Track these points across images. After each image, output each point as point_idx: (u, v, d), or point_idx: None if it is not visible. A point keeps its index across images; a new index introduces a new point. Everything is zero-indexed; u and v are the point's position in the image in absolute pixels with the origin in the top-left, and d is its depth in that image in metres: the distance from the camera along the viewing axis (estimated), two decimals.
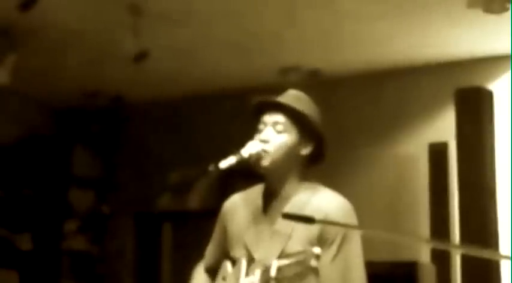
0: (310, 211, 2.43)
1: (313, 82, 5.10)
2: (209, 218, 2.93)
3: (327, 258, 2.49)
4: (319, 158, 2.68)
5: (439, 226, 4.94)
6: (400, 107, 5.33)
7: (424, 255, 4.83)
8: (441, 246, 4.61)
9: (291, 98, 2.66)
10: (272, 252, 2.53)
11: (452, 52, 5.05)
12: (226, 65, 5.37)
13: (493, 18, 4.35)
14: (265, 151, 2.59)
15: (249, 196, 2.76)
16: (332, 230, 2.51)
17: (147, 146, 6.16)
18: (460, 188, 4.74)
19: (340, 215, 2.54)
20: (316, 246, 2.41)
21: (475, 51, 5.00)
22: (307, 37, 4.89)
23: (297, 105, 2.62)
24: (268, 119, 2.64)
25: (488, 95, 4.87)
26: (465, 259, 4.62)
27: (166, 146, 6.02)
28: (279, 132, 2.62)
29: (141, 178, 6.08)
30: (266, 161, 2.59)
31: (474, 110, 4.81)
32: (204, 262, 2.90)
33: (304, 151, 2.64)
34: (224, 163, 2.56)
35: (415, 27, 4.70)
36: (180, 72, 5.53)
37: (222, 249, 2.78)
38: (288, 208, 2.59)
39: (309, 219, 2.20)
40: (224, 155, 2.58)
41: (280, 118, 2.62)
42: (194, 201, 5.57)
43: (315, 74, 5.26)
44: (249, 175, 2.64)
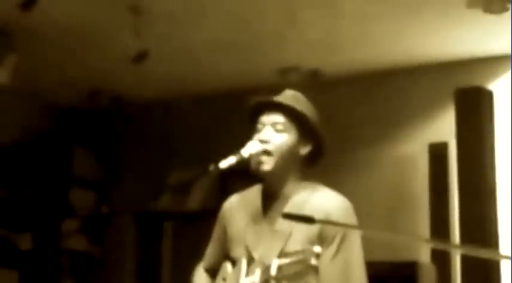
0: (310, 211, 2.44)
1: (313, 82, 5.10)
2: (209, 218, 2.93)
3: (327, 256, 2.49)
4: (318, 157, 2.68)
5: (439, 226, 4.94)
6: (400, 107, 5.33)
7: (424, 255, 4.83)
8: (441, 246, 4.60)
9: (288, 97, 2.66)
10: (272, 252, 2.53)
11: (452, 52, 5.05)
12: (226, 65, 5.37)
13: (492, 18, 4.35)
14: (266, 151, 2.59)
15: (248, 197, 2.76)
16: (332, 229, 2.51)
17: (147, 146, 6.16)
18: (460, 188, 4.73)
19: (340, 214, 2.54)
20: (316, 245, 2.40)
21: (475, 51, 5.00)
22: (307, 37, 4.89)
23: (296, 105, 2.62)
24: (267, 119, 2.64)
25: (488, 95, 4.87)
26: (465, 259, 4.61)
27: (166, 146, 6.02)
28: (278, 131, 2.62)
29: (141, 178, 6.08)
30: (268, 166, 2.59)
31: (474, 110, 4.81)
32: (204, 263, 2.90)
33: (304, 150, 2.65)
34: (224, 163, 2.56)
35: (415, 27, 4.69)
36: (180, 72, 5.53)
37: (222, 250, 2.78)
38: (287, 208, 2.59)
39: (309, 219, 2.20)
40: (224, 155, 2.58)
41: (280, 118, 2.62)
42: (194, 201, 5.57)
43: (315, 74, 5.26)
44: (249, 176, 2.64)
